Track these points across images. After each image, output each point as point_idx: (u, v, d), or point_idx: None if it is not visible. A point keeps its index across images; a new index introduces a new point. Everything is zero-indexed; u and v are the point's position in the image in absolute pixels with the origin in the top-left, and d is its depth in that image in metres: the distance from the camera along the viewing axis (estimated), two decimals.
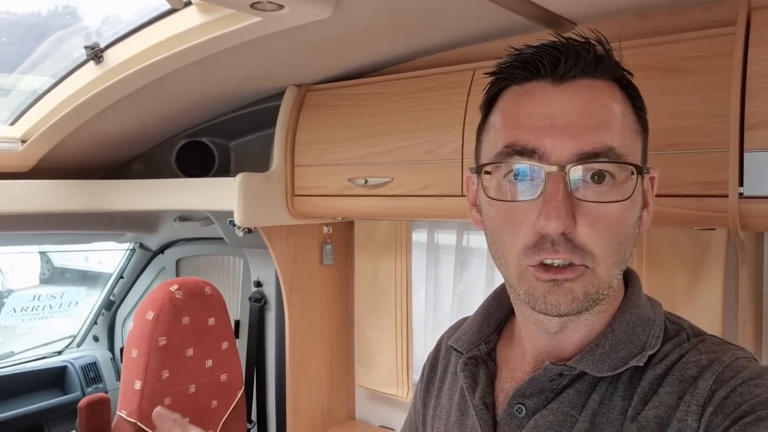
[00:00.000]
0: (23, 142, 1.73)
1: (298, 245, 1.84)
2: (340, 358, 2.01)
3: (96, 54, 1.43)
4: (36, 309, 2.43)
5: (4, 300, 6.49)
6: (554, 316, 0.65)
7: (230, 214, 1.66)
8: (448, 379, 0.85)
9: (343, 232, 2.01)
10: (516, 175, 0.65)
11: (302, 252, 1.85)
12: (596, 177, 0.63)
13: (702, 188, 1.04)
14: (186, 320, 1.66)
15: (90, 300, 2.72)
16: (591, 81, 0.65)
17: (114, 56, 1.43)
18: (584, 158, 0.62)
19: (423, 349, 1.88)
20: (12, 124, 1.74)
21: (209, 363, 1.73)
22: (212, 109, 1.87)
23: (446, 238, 1.88)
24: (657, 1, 1.14)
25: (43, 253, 6.48)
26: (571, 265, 0.63)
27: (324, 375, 1.95)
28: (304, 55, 1.46)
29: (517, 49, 0.69)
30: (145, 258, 2.50)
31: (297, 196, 1.66)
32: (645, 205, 0.71)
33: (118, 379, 2.59)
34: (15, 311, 2.40)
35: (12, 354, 2.52)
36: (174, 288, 1.66)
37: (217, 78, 1.58)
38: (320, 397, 1.94)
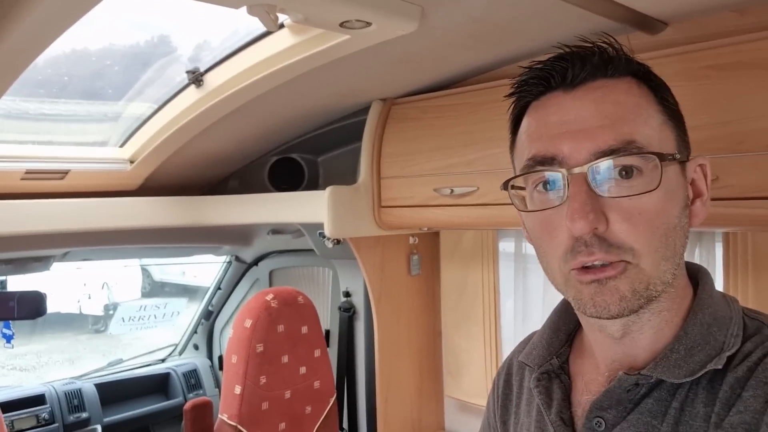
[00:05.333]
0: (131, 162, 1.87)
1: (385, 256, 1.87)
2: (428, 368, 2.02)
3: (196, 78, 1.53)
4: (142, 319, 2.60)
5: (111, 312, 6.94)
6: (606, 318, 0.64)
7: (320, 226, 1.72)
8: (524, 395, 0.84)
9: (429, 243, 2.03)
10: (544, 184, 0.66)
11: (389, 262, 1.89)
12: (624, 172, 0.62)
13: None
14: (281, 328, 1.74)
15: (188, 311, 2.88)
16: (603, 81, 0.66)
17: (213, 79, 1.53)
18: (602, 155, 0.62)
19: None
20: (121, 146, 1.89)
21: (303, 370, 1.79)
22: (301, 126, 1.95)
23: None
24: None
25: (144, 269, 6.92)
26: (611, 264, 0.62)
27: (413, 384, 1.96)
28: (388, 69, 1.49)
29: (527, 67, 0.70)
30: (241, 270, 2.62)
31: (384, 207, 1.69)
32: (698, 195, 0.69)
33: (217, 385, 2.72)
34: (124, 321, 2.59)
35: (121, 361, 2.71)
36: (269, 297, 1.74)
37: (307, 96, 1.65)
38: (410, 406, 1.96)
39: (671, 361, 0.64)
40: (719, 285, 1.38)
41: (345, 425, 2.05)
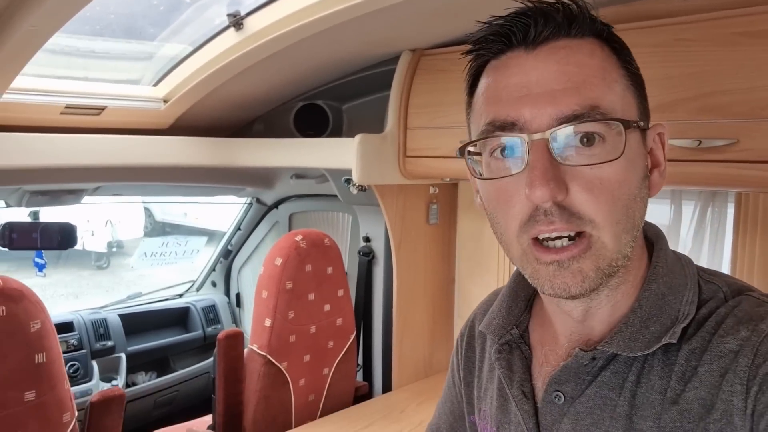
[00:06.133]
0: (165, 102, 1.91)
1: (406, 204, 1.95)
2: (441, 312, 2.12)
3: (237, 21, 1.57)
4: (163, 255, 2.68)
5: (114, 249, 6.97)
6: (565, 298, 0.62)
7: (345, 172, 1.78)
8: (486, 361, 0.83)
9: (448, 193, 2.10)
10: (502, 151, 0.63)
11: (410, 211, 1.96)
12: (585, 139, 0.59)
13: None
14: (308, 267, 1.82)
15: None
16: (566, 41, 0.62)
17: (254, 23, 1.57)
18: (565, 121, 0.59)
19: None
20: (155, 85, 1.93)
21: (327, 307, 1.89)
22: (330, 73, 1.99)
23: None
24: None
25: (146, 208, 6.99)
26: (571, 239, 0.60)
27: (426, 327, 2.07)
28: (423, 20, 1.52)
29: (486, 23, 0.65)
30: (261, 212, 2.70)
31: (409, 157, 1.75)
32: (655, 164, 0.66)
33: (234, 320, 2.84)
34: (146, 255, 2.67)
35: (140, 294, 2.81)
36: (299, 238, 1.83)
37: (340, 44, 1.68)
38: (423, 347, 2.07)
39: (627, 335, 0.63)
40: (728, 242, 1.47)
41: (360, 361, 2.16)
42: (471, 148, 0.66)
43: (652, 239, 0.70)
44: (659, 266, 0.67)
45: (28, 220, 2.11)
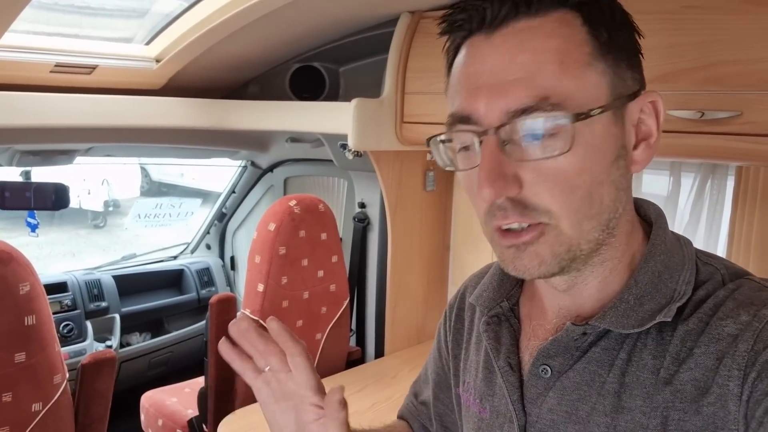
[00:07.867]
0: (157, 61, 1.87)
1: (403, 170, 1.92)
2: (435, 279, 2.12)
3: None
4: (157, 216, 2.67)
5: (110, 208, 6.95)
6: (531, 278, 0.64)
7: (341, 137, 1.75)
8: (474, 333, 0.82)
9: None
10: (462, 143, 0.62)
11: (406, 177, 1.94)
12: (537, 132, 0.57)
13: None
14: (302, 233, 1.81)
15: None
16: (527, 21, 0.58)
17: None
18: (514, 116, 0.57)
19: None
20: (147, 44, 1.88)
21: (321, 273, 1.89)
22: (327, 34, 1.94)
23: None
24: None
25: (143, 168, 6.94)
26: (529, 226, 0.59)
27: (420, 294, 2.08)
28: None
29: (450, 7, 0.62)
30: (256, 175, 2.68)
31: (406, 123, 1.72)
32: (644, 137, 0.63)
33: (228, 284, 2.85)
34: (140, 217, 2.66)
35: (134, 255, 2.81)
36: (293, 203, 1.81)
37: (338, 4, 1.63)
38: (416, 313, 2.08)
39: (620, 311, 0.62)
40: (726, 215, 1.46)
41: (353, 327, 2.17)
42: (442, 137, 0.64)
43: (651, 217, 0.68)
44: (657, 244, 0.66)
45: (20, 179, 2.08)
